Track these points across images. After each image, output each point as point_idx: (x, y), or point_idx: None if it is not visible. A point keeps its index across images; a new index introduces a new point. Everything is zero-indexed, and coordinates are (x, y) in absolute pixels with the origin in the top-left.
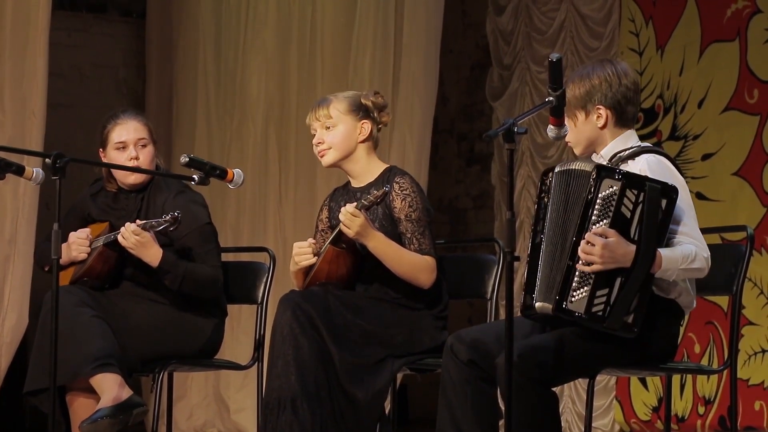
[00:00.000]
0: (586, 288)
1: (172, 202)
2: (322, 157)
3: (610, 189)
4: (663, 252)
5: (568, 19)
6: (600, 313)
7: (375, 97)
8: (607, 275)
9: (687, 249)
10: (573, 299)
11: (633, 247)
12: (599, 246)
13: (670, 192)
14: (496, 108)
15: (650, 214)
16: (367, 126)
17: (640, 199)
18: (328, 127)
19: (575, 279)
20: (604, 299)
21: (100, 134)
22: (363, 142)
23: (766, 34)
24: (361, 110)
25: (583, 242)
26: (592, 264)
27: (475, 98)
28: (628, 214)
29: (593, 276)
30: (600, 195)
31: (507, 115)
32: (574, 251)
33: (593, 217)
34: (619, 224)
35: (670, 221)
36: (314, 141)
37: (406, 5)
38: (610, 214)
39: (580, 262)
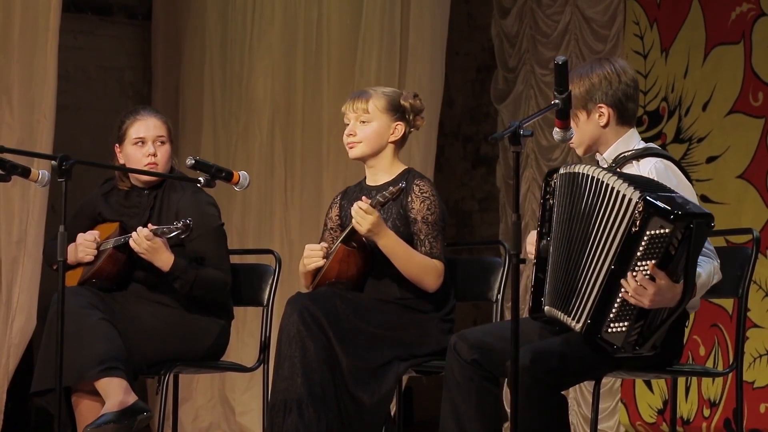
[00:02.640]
0: (626, 323)
1: (186, 201)
2: (351, 148)
3: (661, 230)
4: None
5: (572, 21)
6: (633, 343)
7: (414, 99)
8: (647, 310)
9: (708, 268)
10: (609, 330)
11: (680, 289)
12: (651, 291)
13: (710, 222)
14: (500, 110)
15: (695, 251)
16: (400, 128)
17: (686, 235)
18: (363, 121)
19: (613, 310)
20: (639, 329)
21: (117, 129)
22: (393, 142)
23: None
24: (398, 111)
25: (634, 283)
26: (640, 301)
27: (480, 101)
28: (674, 252)
29: (635, 311)
30: (648, 233)
31: (512, 117)
32: (611, 281)
33: (638, 253)
34: (666, 263)
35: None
36: (347, 131)
37: (412, 8)
38: (659, 253)
39: (623, 296)
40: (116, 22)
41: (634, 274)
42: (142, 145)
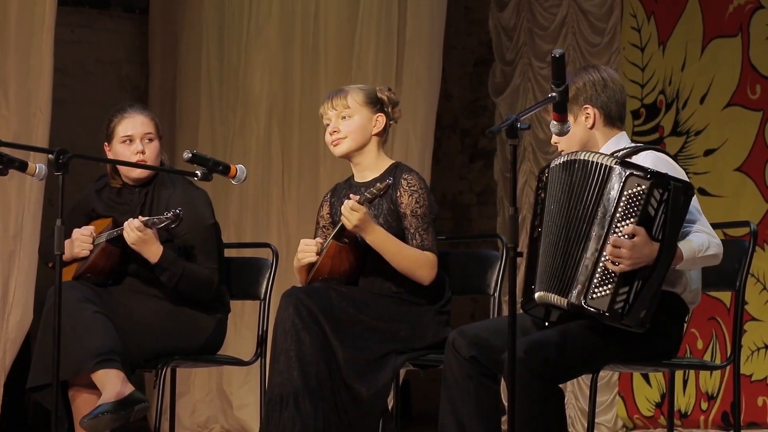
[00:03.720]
0: (609, 286)
1: (176, 197)
2: (335, 146)
3: (638, 188)
4: (680, 245)
5: (569, 14)
6: (620, 311)
7: (389, 92)
8: (629, 273)
9: (699, 238)
10: (594, 296)
11: (657, 246)
12: (628, 248)
13: (689, 189)
14: (498, 104)
15: (674, 212)
16: (381, 119)
17: (665, 197)
18: (344, 117)
19: (597, 276)
20: (624, 296)
21: (105, 128)
22: (376, 135)
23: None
24: (377, 103)
25: (610, 243)
26: (620, 264)
27: (478, 94)
28: (653, 213)
29: (617, 274)
30: (626, 192)
31: (509, 110)
32: (593, 248)
33: (617, 215)
34: (645, 224)
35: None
36: (329, 130)
37: (409, 1)
38: (637, 213)
39: (604, 260)
40: (114, 15)
41: (613, 234)
42: (130, 143)
